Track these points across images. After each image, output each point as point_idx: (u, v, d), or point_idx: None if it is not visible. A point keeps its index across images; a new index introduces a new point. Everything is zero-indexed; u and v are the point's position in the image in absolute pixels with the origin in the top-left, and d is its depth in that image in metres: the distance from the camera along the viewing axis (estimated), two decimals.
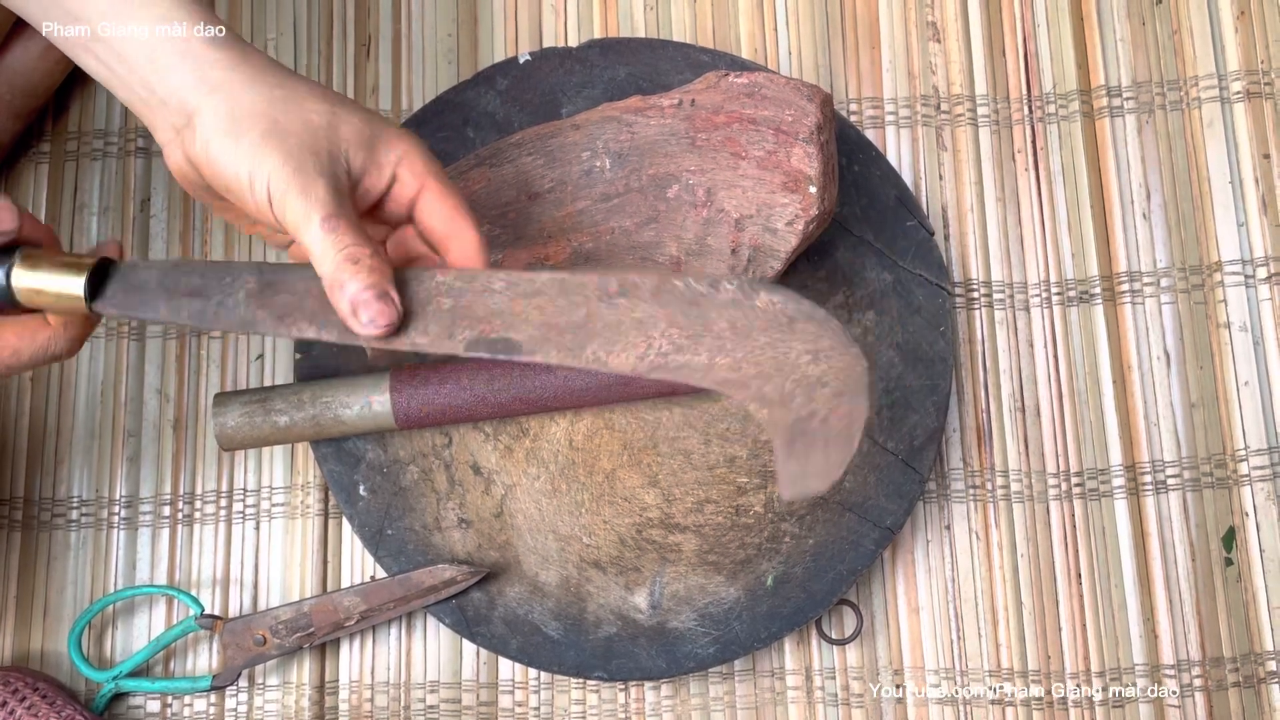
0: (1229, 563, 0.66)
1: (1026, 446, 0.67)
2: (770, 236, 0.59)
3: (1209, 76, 0.71)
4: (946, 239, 0.69)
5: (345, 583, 0.66)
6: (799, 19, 0.72)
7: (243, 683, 0.65)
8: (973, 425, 0.67)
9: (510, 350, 0.45)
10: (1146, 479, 0.67)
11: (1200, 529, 0.66)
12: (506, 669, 0.65)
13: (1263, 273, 0.68)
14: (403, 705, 0.64)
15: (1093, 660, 0.65)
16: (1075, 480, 0.67)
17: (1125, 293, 0.69)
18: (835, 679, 0.65)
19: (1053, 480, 0.67)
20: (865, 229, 0.66)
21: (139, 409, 0.67)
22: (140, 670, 0.64)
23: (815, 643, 0.65)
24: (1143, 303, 0.68)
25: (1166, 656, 0.65)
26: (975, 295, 0.69)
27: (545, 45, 0.72)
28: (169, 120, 0.46)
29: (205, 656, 0.65)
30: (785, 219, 0.59)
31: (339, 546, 0.66)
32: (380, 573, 0.65)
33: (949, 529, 0.66)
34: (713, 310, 0.45)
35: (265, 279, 0.46)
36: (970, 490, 0.66)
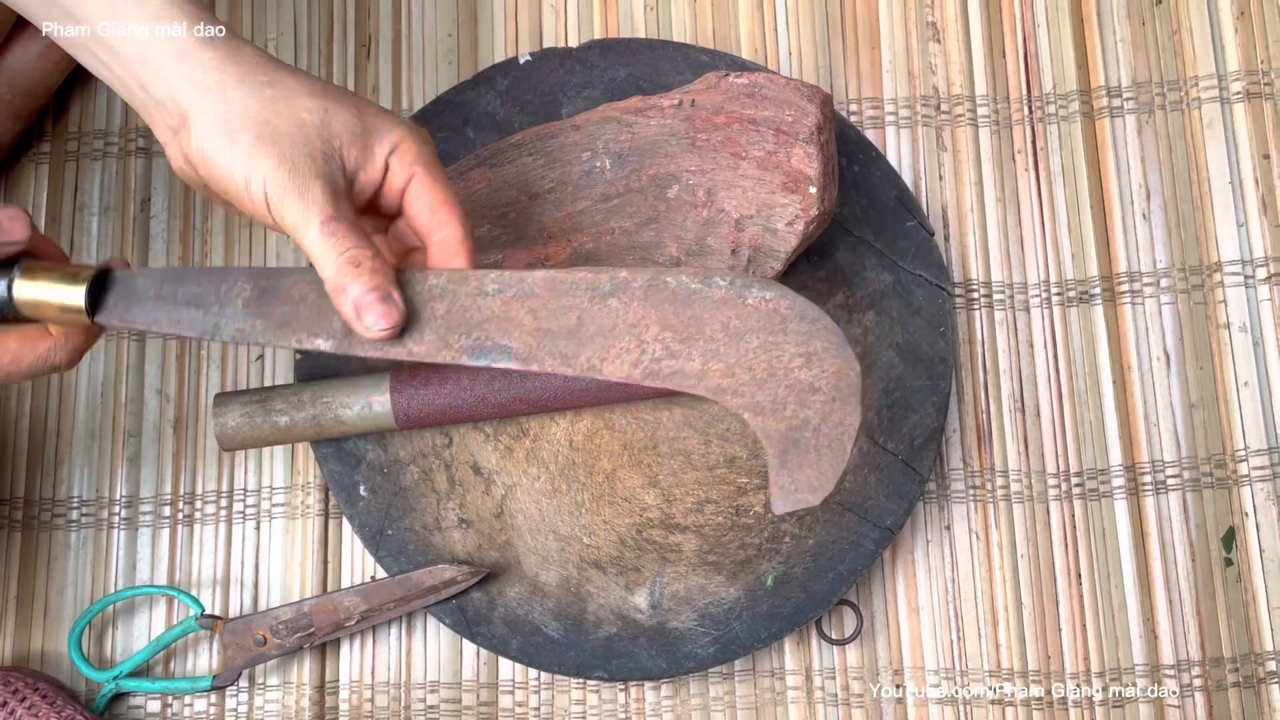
0: (1229, 563, 0.66)
1: (1026, 447, 0.67)
2: (770, 237, 0.59)
3: (1209, 77, 0.71)
4: (946, 239, 0.69)
5: (345, 583, 0.66)
6: (799, 19, 0.72)
7: (243, 683, 0.65)
8: (973, 425, 0.67)
9: (506, 359, 0.45)
10: (1146, 479, 0.67)
11: (1200, 529, 0.66)
12: (507, 669, 0.65)
13: (1263, 273, 0.68)
14: (403, 705, 0.65)
15: (1093, 660, 0.65)
16: (1075, 480, 0.67)
17: (1125, 293, 0.69)
18: (835, 679, 0.65)
19: (1053, 480, 0.67)
20: (865, 229, 0.66)
21: (139, 409, 0.67)
22: (140, 670, 0.64)
23: (815, 643, 0.65)
24: (1143, 303, 0.68)
25: (1166, 657, 0.65)
26: (975, 295, 0.69)
27: (545, 45, 0.72)
28: (165, 121, 0.46)
29: (205, 656, 0.65)
30: (785, 219, 0.59)
31: (339, 546, 0.66)
32: (380, 573, 0.65)
33: (949, 529, 0.66)
34: (705, 311, 0.45)
35: (261, 285, 0.46)
36: (970, 490, 0.66)
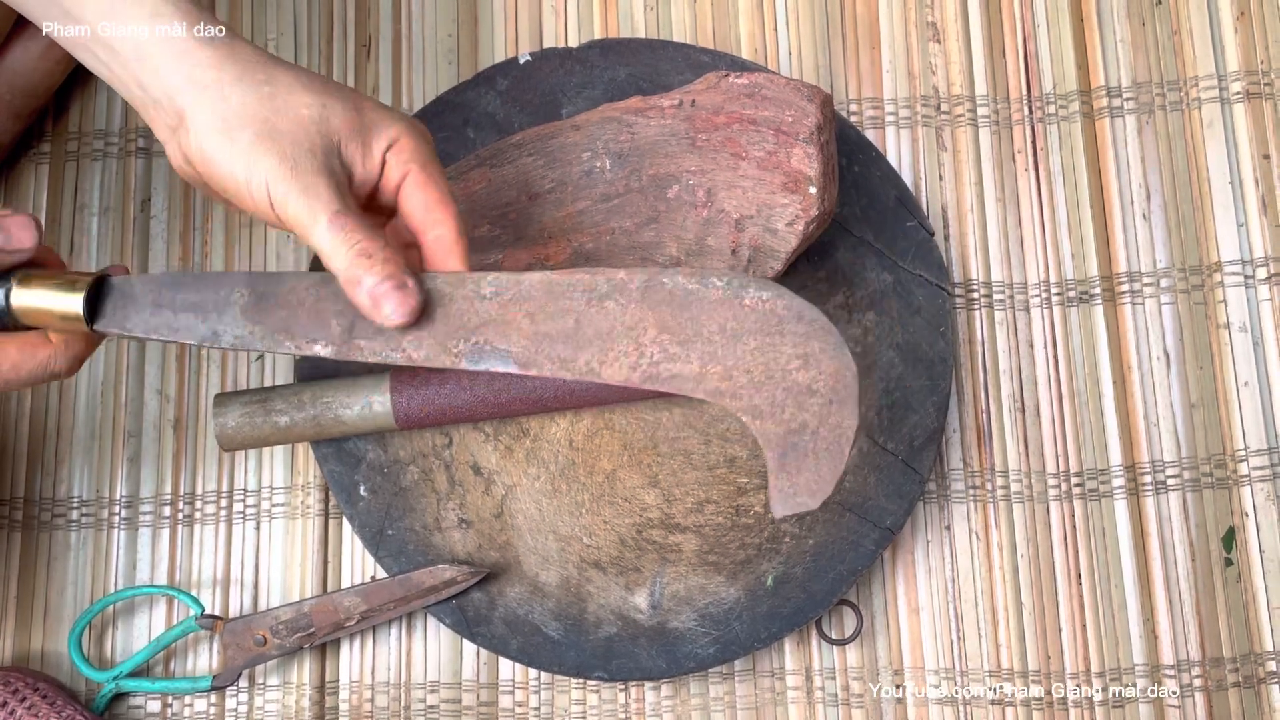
0: (1229, 563, 0.66)
1: (1026, 447, 0.67)
2: (770, 237, 0.59)
3: (1209, 77, 0.71)
4: (946, 239, 0.69)
5: (345, 583, 0.66)
6: (799, 19, 0.72)
7: (243, 683, 0.65)
8: (973, 426, 0.67)
9: (505, 364, 0.45)
10: (1146, 479, 0.67)
11: (1200, 529, 0.66)
12: (507, 669, 0.65)
13: (1263, 273, 0.68)
14: (403, 705, 0.65)
15: (1093, 660, 0.65)
16: (1075, 480, 0.67)
17: (1125, 293, 0.69)
18: (835, 679, 0.65)
19: (1053, 480, 0.67)
20: (865, 229, 0.66)
21: (139, 409, 0.67)
22: (140, 670, 0.64)
23: (815, 643, 0.65)
24: (1143, 303, 0.68)
25: (1166, 657, 0.65)
26: (975, 295, 0.69)
27: (545, 46, 0.72)
28: (164, 120, 0.46)
29: (205, 657, 0.65)
30: (785, 219, 0.59)
31: (339, 547, 0.66)
32: (380, 573, 0.65)
33: (949, 529, 0.66)
34: (703, 312, 0.45)
35: (258, 290, 0.46)
36: (970, 490, 0.66)
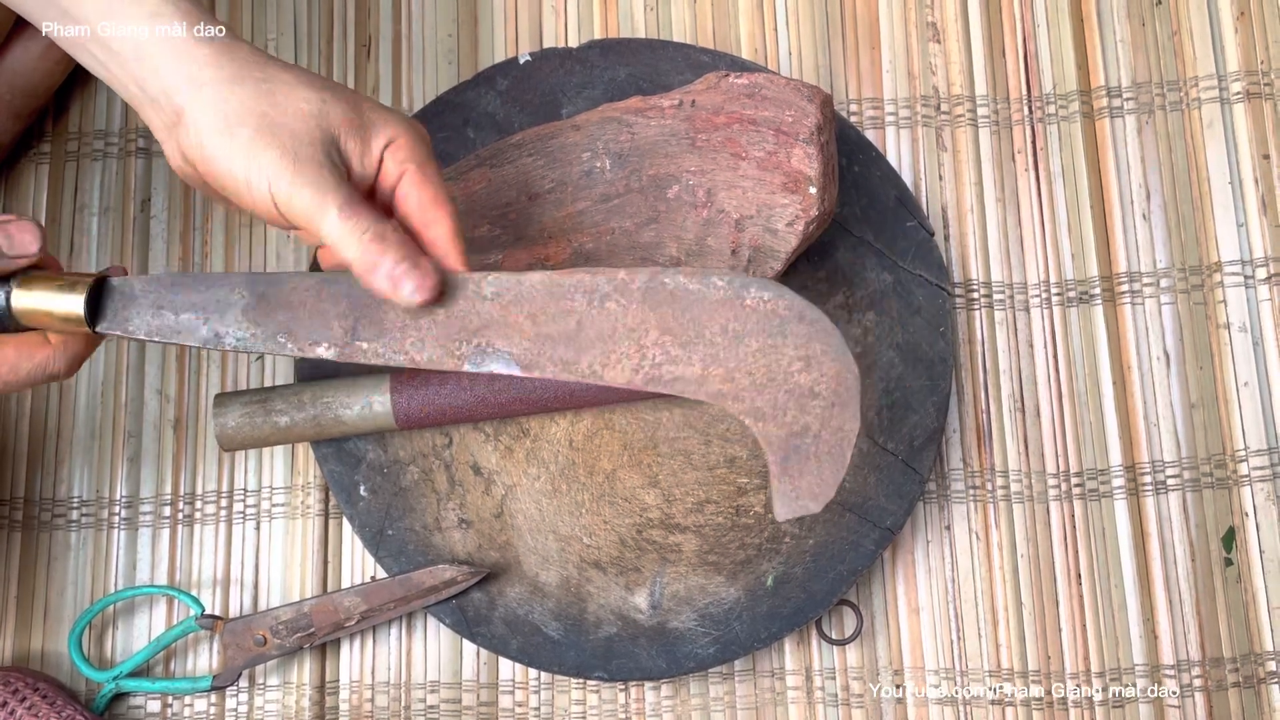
0: (1229, 563, 0.66)
1: (1026, 447, 0.67)
2: (770, 237, 0.59)
3: (1209, 77, 0.71)
4: (946, 239, 0.69)
5: (345, 583, 0.66)
6: (799, 19, 0.72)
7: (243, 683, 0.65)
8: (973, 426, 0.67)
9: (509, 366, 0.45)
10: (1146, 479, 0.67)
11: (1200, 529, 0.66)
12: (507, 669, 0.65)
13: (1262, 273, 0.68)
14: (403, 705, 0.65)
15: (1093, 660, 0.65)
16: (1075, 480, 0.67)
17: (1125, 293, 0.69)
18: (835, 679, 0.65)
19: (1053, 480, 0.67)
20: (865, 229, 0.66)
21: (139, 409, 0.67)
22: (140, 670, 0.64)
23: (815, 643, 0.65)
24: (1142, 303, 0.68)
25: (1166, 657, 0.65)
26: (975, 296, 0.69)
27: (545, 46, 0.72)
28: (162, 119, 0.46)
29: (205, 657, 0.65)
30: (785, 219, 0.59)
31: (339, 547, 0.66)
32: (380, 573, 0.65)
33: (949, 529, 0.66)
34: (704, 313, 0.45)
35: (258, 291, 0.46)
36: (970, 490, 0.67)
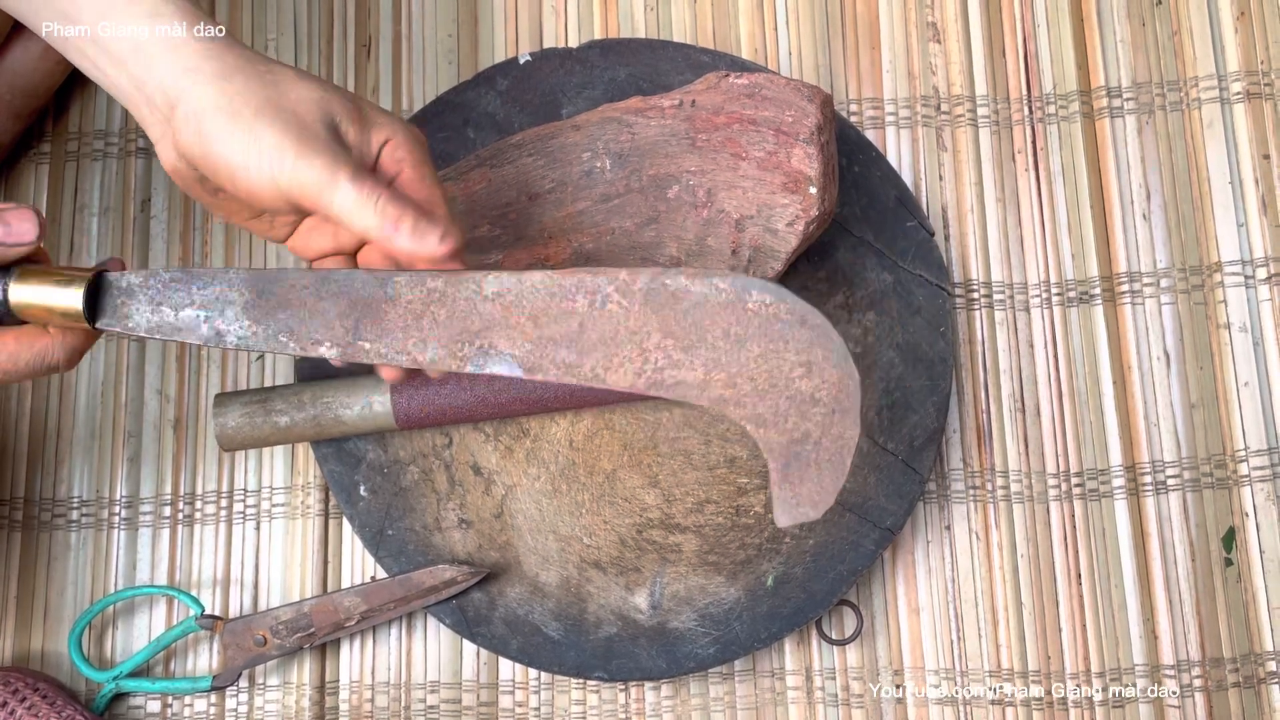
0: (1229, 563, 0.66)
1: (1026, 447, 0.67)
2: (770, 237, 0.59)
3: (1209, 77, 0.71)
4: (946, 239, 0.69)
5: (345, 583, 0.66)
6: (799, 19, 0.72)
7: (243, 683, 0.65)
8: (973, 425, 0.67)
9: (511, 369, 0.45)
10: (1146, 479, 0.67)
11: (1200, 529, 0.66)
12: (507, 669, 0.65)
13: (1263, 273, 0.68)
14: (403, 705, 0.65)
15: (1093, 660, 0.65)
16: (1075, 480, 0.67)
17: (1125, 293, 0.69)
18: (835, 679, 0.65)
19: (1053, 480, 0.67)
20: (865, 229, 0.66)
21: (139, 409, 0.67)
22: (140, 670, 0.64)
23: (815, 643, 0.65)
24: (1143, 303, 0.68)
25: (1166, 657, 0.65)
26: (975, 296, 0.69)
27: (545, 46, 0.72)
28: (157, 115, 0.46)
29: (205, 657, 0.65)
30: (785, 219, 0.59)
31: (339, 547, 0.66)
32: (380, 573, 0.65)
33: (949, 529, 0.66)
34: (706, 316, 0.45)
35: (258, 288, 0.46)
36: (970, 490, 0.67)
